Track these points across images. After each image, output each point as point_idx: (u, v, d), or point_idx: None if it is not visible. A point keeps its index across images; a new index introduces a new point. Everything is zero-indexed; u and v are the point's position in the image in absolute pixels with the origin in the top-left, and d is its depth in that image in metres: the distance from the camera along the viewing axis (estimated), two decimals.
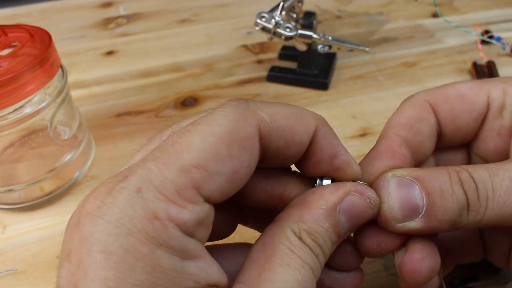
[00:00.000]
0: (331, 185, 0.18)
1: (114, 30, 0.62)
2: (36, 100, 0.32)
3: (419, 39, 0.55)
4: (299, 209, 0.17)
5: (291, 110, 0.18)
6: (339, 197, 0.17)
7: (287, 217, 0.17)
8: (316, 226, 0.17)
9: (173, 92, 0.48)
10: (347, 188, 0.18)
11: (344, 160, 0.19)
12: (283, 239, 0.16)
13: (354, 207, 0.18)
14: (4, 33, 0.33)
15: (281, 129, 0.17)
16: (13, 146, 0.35)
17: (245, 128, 0.16)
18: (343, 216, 0.17)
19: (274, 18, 0.41)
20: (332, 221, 0.17)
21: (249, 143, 0.16)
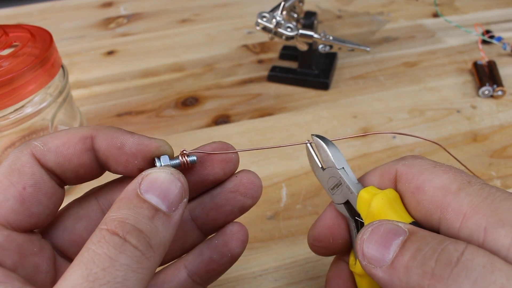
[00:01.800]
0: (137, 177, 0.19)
1: (114, 30, 0.62)
2: (37, 100, 0.32)
3: (419, 39, 0.55)
4: (108, 211, 0.18)
5: (65, 131, 0.20)
6: (135, 183, 0.18)
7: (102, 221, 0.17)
8: (122, 211, 0.17)
9: (173, 92, 0.48)
10: (142, 174, 0.18)
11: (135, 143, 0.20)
12: (88, 242, 0.16)
13: (154, 183, 0.18)
14: (5, 33, 0.33)
15: (55, 147, 0.19)
16: (14, 146, 0.35)
17: (20, 158, 0.18)
18: (149, 194, 0.17)
19: (275, 18, 0.41)
20: (138, 201, 0.17)
21: (26, 168, 0.18)
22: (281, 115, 0.44)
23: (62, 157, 0.19)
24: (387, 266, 0.17)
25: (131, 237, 0.16)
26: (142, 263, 0.16)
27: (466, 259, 0.15)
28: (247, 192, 0.22)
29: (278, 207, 0.34)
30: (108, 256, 0.15)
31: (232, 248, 0.22)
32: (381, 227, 0.18)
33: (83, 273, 0.15)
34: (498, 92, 0.44)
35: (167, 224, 0.17)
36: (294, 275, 0.29)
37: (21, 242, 0.18)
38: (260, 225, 0.32)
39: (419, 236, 0.17)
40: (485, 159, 0.37)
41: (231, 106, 0.45)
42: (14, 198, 0.18)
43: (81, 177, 0.20)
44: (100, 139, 0.20)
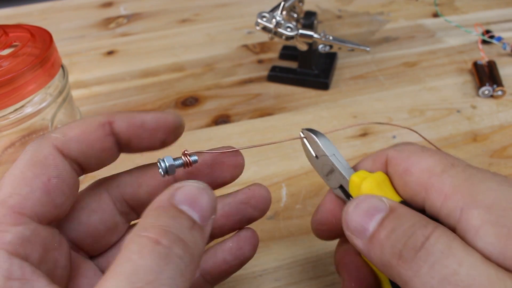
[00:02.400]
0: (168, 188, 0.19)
1: (114, 30, 0.62)
2: (37, 100, 0.32)
3: (419, 39, 0.55)
4: (142, 218, 0.17)
5: (80, 121, 0.20)
6: (167, 193, 0.18)
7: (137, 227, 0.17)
8: (163, 219, 0.16)
9: (173, 92, 0.48)
10: (174, 186, 0.18)
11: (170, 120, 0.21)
12: (125, 248, 0.15)
13: (188, 195, 0.18)
14: (5, 33, 0.33)
15: (76, 136, 0.20)
16: (14, 146, 0.35)
17: (41, 150, 0.19)
18: (184, 205, 0.17)
19: (275, 18, 0.41)
20: (176, 211, 0.17)
21: (50, 159, 0.19)
22: (281, 115, 0.44)
23: (85, 145, 0.20)
24: (366, 240, 0.18)
25: (177, 247, 0.15)
26: (185, 275, 0.15)
27: (429, 244, 0.16)
28: (257, 205, 0.23)
29: (278, 207, 0.34)
30: (152, 268, 0.14)
31: (245, 251, 0.23)
32: (366, 201, 0.19)
33: (124, 286, 0.14)
34: (498, 92, 0.44)
35: (202, 237, 0.17)
36: (294, 275, 0.29)
37: (45, 236, 0.18)
38: (260, 225, 0.32)
39: (396, 215, 0.18)
40: (485, 159, 0.37)
41: (231, 106, 0.45)
42: (40, 189, 0.18)
43: (102, 163, 0.21)
44: (120, 122, 0.20)
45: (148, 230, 0.16)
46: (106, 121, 0.20)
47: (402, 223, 0.18)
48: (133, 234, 0.16)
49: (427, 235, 0.17)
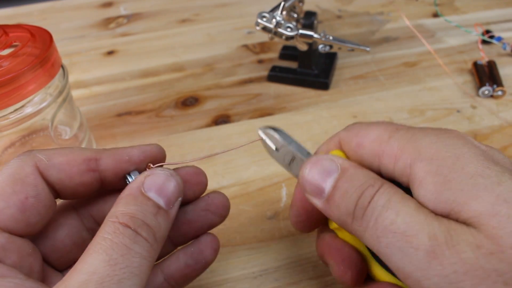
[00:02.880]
0: (138, 176, 0.21)
1: (114, 30, 0.62)
2: (37, 100, 0.32)
3: (419, 39, 0.55)
4: (115, 206, 0.20)
5: (69, 149, 0.21)
6: (138, 182, 0.20)
7: (109, 214, 0.19)
8: (131, 207, 0.19)
9: (173, 92, 0.48)
10: (144, 173, 0.21)
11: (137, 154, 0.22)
12: (101, 232, 0.18)
13: (156, 182, 0.20)
14: (5, 33, 0.33)
15: (59, 164, 0.21)
16: (14, 146, 0.35)
17: (24, 168, 0.20)
18: (152, 193, 0.20)
19: (275, 18, 0.41)
20: (143, 198, 0.20)
21: (30, 179, 0.20)
22: (281, 115, 0.44)
23: (64, 175, 0.21)
24: (324, 200, 0.20)
25: (142, 230, 0.18)
26: (151, 252, 0.19)
27: (373, 202, 0.19)
28: (217, 211, 0.25)
29: (278, 207, 0.34)
30: (124, 245, 0.18)
31: (206, 255, 0.24)
32: (318, 163, 0.21)
33: (104, 258, 0.17)
34: (498, 92, 0.44)
35: (166, 219, 0.20)
36: (294, 275, 0.29)
37: (20, 244, 0.20)
38: (260, 225, 0.32)
39: (348, 175, 0.20)
40: None
41: (231, 106, 0.45)
42: (16, 206, 0.19)
43: (78, 195, 0.22)
44: (106, 159, 0.22)
45: (119, 217, 0.18)
46: (92, 157, 0.21)
47: (353, 184, 0.20)
48: (106, 220, 0.19)
49: (372, 194, 0.19)
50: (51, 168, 0.20)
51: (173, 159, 0.38)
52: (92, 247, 0.17)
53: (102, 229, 0.18)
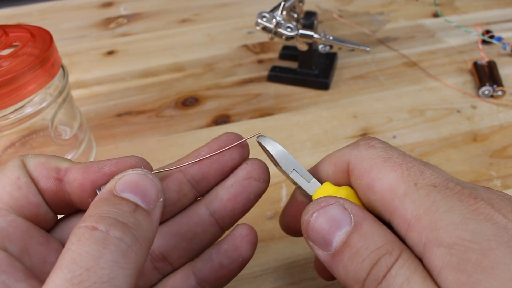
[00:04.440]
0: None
1: (114, 30, 0.62)
2: (37, 100, 0.32)
3: (419, 39, 0.55)
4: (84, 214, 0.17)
5: (54, 156, 0.20)
6: (109, 186, 0.18)
7: None
8: (102, 208, 0.16)
9: (173, 92, 0.48)
10: (115, 178, 0.18)
11: (110, 165, 0.20)
12: (67, 242, 0.15)
13: (128, 182, 0.18)
14: (5, 33, 0.33)
15: (36, 163, 0.19)
16: (14, 146, 0.35)
17: (12, 161, 0.19)
18: (126, 193, 0.17)
19: (275, 18, 0.41)
20: (116, 199, 0.17)
21: (16, 164, 0.19)
22: (281, 115, 0.44)
23: (36, 174, 0.19)
24: (330, 255, 0.18)
25: (114, 229, 0.15)
26: (129, 257, 0.15)
27: (390, 276, 0.16)
28: (260, 176, 0.22)
29: (278, 207, 0.34)
30: (90, 254, 0.14)
31: (242, 252, 0.22)
32: (328, 211, 0.18)
33: (66, 276, 0.14)
34: (498, 92, 0.44)
35: (148, 220, 0.17)
36: (294, 275, 0.29)
37: (27, 228, 0.18)
38: (260, 225, 0.32)
39: (362, 232, 0.17)
40: (485, 159, 0.37)
41: (231, 106, 0.45)
42: (10, 185, 0.18)
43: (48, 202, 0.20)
44: (74, 170, 0.20)
45: (86, 220, 0.16)
46: (65, 167, 0.20)
47: (367, 246, 0.17)
48: (74, 228, 0.16)
49: (390, 265, 0.16)
50: (30, 163, 0.19)
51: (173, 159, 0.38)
52: (57, 262, 0.15)
53: (68, 239, 0.15)
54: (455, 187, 0.17)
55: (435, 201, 0.17)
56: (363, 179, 0.19)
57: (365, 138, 0.21)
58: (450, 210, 0.16)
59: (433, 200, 0.17)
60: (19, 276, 0.16)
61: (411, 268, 0.16)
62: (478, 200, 0.16)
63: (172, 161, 0.24)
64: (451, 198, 0.16)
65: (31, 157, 0.20)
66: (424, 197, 0.17)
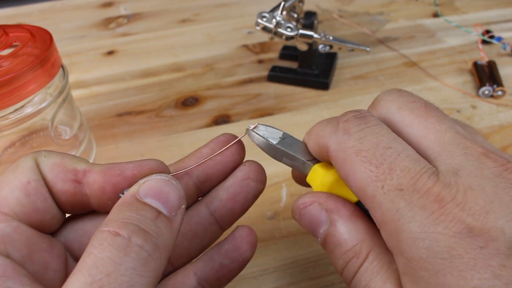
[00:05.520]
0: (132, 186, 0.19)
1: (114, 30, 0.62)
2: (37, 100, 0.32)
3: (419, 39, 0.55)
4: (108, 215, 0.17)
5: (69, 155, 0.20)
6: (133, 190, 0.18)
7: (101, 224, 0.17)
8: (125, 213, 0.16)
9: (173, 92, 0.48)
10: (139, 182, 0.18)
11: (133, 167, 0.20)
12: (88, 245, 0.15)
13: (152, 188, 0.18)
14: (5, 33, 0.33)
15: (52, 163, 0.19)
16: (14, 146, 0.35)
17: (25, 160, 0.19)
18: (149, 198, 0.17)
19: (275, 18, 0.41)
20: (139, 204, 0.17)
21: (29, 165, 0.19)
22: (281, 115, 0.44)
23: (51, 176, 0.19)
24: (320, 240, 0.20)
25: (136, 237, 0.15)
26: (149, 265, 0.15)
27: (356, 278, 0.18)
28: (257, 177, 0.23)
29: (278, 207, 0.34)
30: (111, 260, 0.15)
31: (242, 252, 0.22)
32: (307, 213, 0.20)
33: (86, 280, 0.14)
34: (498, 92, 0.44)
35: (169, 227, 0.17)
36: (294, 275, 0.29)
37: (30, 235, 0.18)
38: (260, 225, 0.32)
39: (335, 234, 0.19)
40: None
41: (231, 106, 0.45)
42: (19, 190, 0.18)
43: (62, 205, 0.20)
44: (94, 172, 0.19)
45: (109, 225, 0.16)
46: (83, 169, 0.19)
47: (339, 248, 0.19)
48: (96, 231, 0.16)
49: (356, 268, 0.18)
50: (44, 163, 0.19)
51: (173, 159, 0.38)
52: (78, 265, 0.15)
53: (90, 242, 0.15)
54: (423, 186, 0.16)
55: (398, 209, 0.16)
56: (340, 170, 0.19)
57: (345, 116, 0.21)
58: (411, 221, 0.16)
59: (397, 208, 0.16)
60: (24, 281, 0.16)
61: (374, 271, 0.18)
62: (443, 204, 0.16)
63: (172, 161, 0.24)
64: (415, 204, 0.16)
65: (44, 156, 0.19)
66: (389, 204, 0.17)
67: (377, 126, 0.19)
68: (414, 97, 0.21)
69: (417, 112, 0.19)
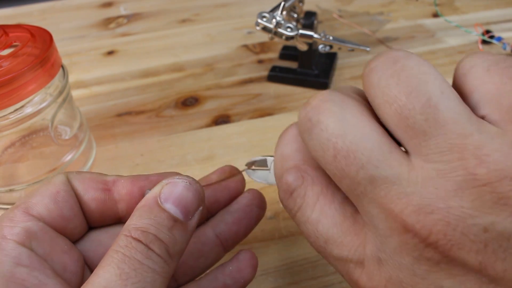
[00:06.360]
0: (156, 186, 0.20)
1: (114, 30, 0.62)
2: (37, 100, 0.32)
3: (419, 39, 0.55)
4: (130, 218, 0.19)
5: (97, 173, 0.22)
6: (155, 192, 0.19)
7: (124, 227, 0.19)
8: (144, 220, 0.18)
9: (173, 92, 0.48)
10: (162, 183, 0.20)
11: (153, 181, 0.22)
12: (114, 246, 0.18)
13: (173, 192, 0.19)
14: (5, 33, 0.33)
15: (82, 176, 0.21)
16: (14, 146, 0.35)
17: (58, 176, 0.21)
18: (169, 204, 0.19)
19: (275, 18, 0.41)
20: (158, 210, 0.19)
21: (60, 180, 0.21)
22: (281, 115, 0.44)
23: (82, 187, 0.21)
24: None
25: (154, 246, 0.18)
26: (164, 268, 0.18)
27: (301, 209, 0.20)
28: (260, 204, 0.25)
29: (278, 207, 0.34)
30: (136, 259, 0.17)
31: (245, 274, 0.24)
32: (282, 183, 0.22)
33: (115, 272, 0.16)
34: None
35: (184, 232, 0.19)
36: (294, 275, 0.29)
37: (54, 236, 0.20)
38: (260, 225, 0.32)
39: None
40: None
41: (231, 106, 0.45)
42: (48, 197, 0.20)
43: (92, 215, 0.22)
44: (123, 180, 0.22)
45: (131, 232, 0.18)
46: (111, 179, 0.22)
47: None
48: (120, 234, 0.18)
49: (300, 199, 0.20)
50: (75, 178, 0.21)
51: (173, 159, 0.38)
52: (104, 260, 0.17)
53: (115, 242, 0.18)
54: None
55: None
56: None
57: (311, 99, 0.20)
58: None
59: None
60: (49, 273, 0.18)
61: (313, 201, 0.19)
62: None
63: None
64: None
65: (76, 173, 0.22)
66: None
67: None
68: None
69: None
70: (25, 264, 0.18)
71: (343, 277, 0.19)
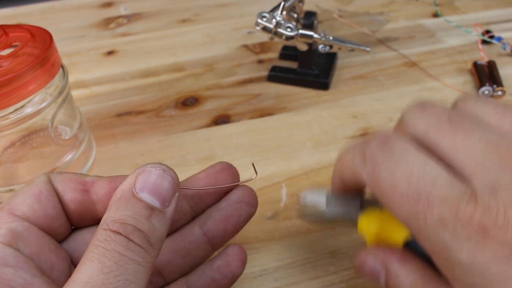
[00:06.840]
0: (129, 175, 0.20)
1: (114, 30, 0.62)
2: (37, 100, 0.32)
3: (419, 39, 0.55)
4: (107, 211, 0.19)
5: (79, 173, 0.22)
6: (130, 182, 0.19)
7: (102, 220, 0.19)
8: (121, 212, 0.18)
9: (173, 92, 0.48)
10: (135, 172, 0.20)
11: None
12: (93, 240, 0.17)
13: (148, 181, 0.19)
14: (5, 33, 0.33)
15: (63, 177, 0.21)
16: (14, 146, 0.35)
17: (39, 177, 0.21)
18: (144, 193, 0.19)
19: (275, 18, 0.41)
20: (134, 201, 0.18)
21: (42, 180, 0.21)
22: (281, 115, 0.44)
23: (62, 187, 0.21)
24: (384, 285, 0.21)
25: (134, 237, 0.18)
26: (146, 258, 0.18)
27: None
28: (250, 201, 0.25)
29: (278, 207, 0.34)
30: (117, 252, 0.17)
31: (233, 268, 0.23)
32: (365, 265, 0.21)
33: (97, 266, 0.16)
34: (498, 92, 0.44)
35: (162, 220, 0.19)
36: (294, 275, 0.29)
37: (40, 236, 0.20)
38: (260, 225, 0.32)
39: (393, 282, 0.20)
40: None
41: (231, 106, 0.45)
42: (32, 197, 0.20)
43: (72, 216, 0.22)
44: (101, 181, 0.21)
45: (109, 225, 0.18)
46: (90, 180, 0.21)
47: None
48: (98, 228, 0.18)
49: None
50: (56, 178, 0.21)
51: (173, 159, 0.38)
52: (85, 256, 0.17)
53: (94, 237, 0.18)
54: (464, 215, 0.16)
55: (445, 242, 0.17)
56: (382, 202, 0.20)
57: (369, 145, 0.20)
58: (459, 252, 0.16)
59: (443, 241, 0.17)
60: (34, 273, 0.18)
61: None
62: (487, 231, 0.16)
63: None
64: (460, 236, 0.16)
65: (57, 173, 0.22)
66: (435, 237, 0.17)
67: (405, 153, 0.19)
68: (437, 112, 0.20)
69: (443, 130, 0.19)
70: (11, 264, 0.18)
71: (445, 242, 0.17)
